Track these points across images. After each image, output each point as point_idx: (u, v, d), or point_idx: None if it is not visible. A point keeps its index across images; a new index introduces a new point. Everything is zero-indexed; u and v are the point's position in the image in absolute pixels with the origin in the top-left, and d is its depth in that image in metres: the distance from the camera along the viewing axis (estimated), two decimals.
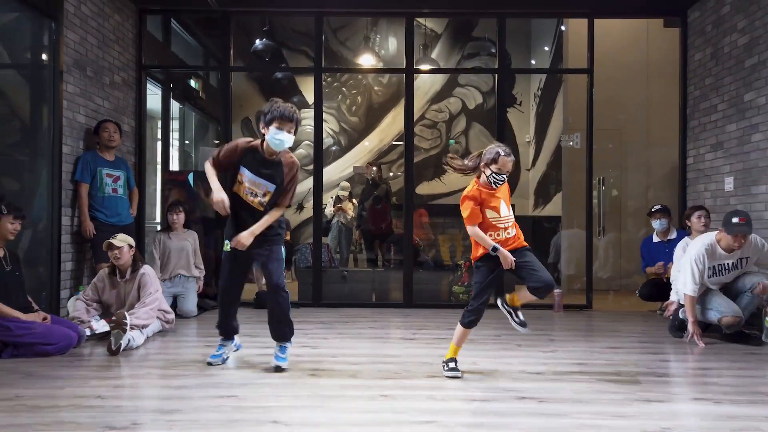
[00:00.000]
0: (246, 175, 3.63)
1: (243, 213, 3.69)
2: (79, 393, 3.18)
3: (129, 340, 4.25)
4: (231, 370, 3.75)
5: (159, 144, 7.99)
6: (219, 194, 3.54)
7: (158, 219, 7.57)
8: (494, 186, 3.55)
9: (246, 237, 3.62)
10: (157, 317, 4.87)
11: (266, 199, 3.70)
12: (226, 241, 3.72)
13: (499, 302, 3.75)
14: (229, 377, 3.55)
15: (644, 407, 3.00)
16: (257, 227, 3.65)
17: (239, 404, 3.02)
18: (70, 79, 5.35)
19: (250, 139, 3.74)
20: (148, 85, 7.38)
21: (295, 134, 3.64)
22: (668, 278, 5.90)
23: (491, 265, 3.58)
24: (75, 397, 3.09)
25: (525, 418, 2.82)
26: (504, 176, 3.54)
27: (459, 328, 3.69)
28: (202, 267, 6.18)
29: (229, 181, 3.73)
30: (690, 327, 4.65)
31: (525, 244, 3.65)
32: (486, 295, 3.64)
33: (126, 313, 4.30)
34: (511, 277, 3.65)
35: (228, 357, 3.96)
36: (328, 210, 8.58)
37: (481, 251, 3.60)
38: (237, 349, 4.15)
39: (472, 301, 3.63)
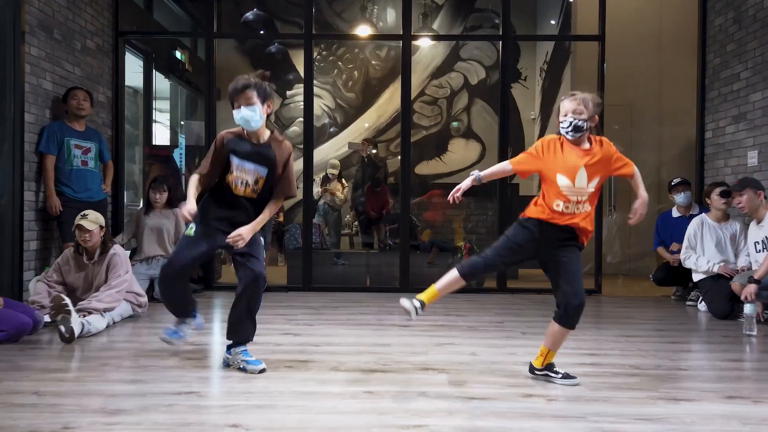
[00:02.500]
0: (235, 163, 3.14)
1: (227, 201, 3.17)
2: (15, 388, 2.74)
3: (83, 325, 3.80)
4: (196, 360, 3.31)
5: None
6: (192, 205, 3.07)
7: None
8: (567, 136, 2.88)
9: (247, 233, 3.12)
10: (128, 300, 4.45)
11: (260, 185, 3.19)
12: (192, 225, 3.17)
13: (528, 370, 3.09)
14: (192, 370, 3.11)
15: (672, 408, 2.56)
16: (261, 220, 3.19)
17: (197, 403, 2.58)
18: (34, 41, 4.88)
19: (232, 129, 3.27)
20: (132, 57, 6.94)
21: (263, 102, 3.10)
22: (680, 262, 5.47)
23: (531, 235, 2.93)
24: (9, 393, 2.66)
25: (531, 421, 2.39)
26: (571, 120, 2.83)
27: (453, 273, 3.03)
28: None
29: (223, 168, 3.21)
30: None
31: (584, 236, 2.96)
32: (503, 254, 2.96)
33: (63, 295, 3.84)
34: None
35: (186, 334, 3.37)
36: (316, 190, 8.08)
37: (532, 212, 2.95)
38: (198, 328, 3.54)
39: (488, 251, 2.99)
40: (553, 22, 9.29)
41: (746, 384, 2.99)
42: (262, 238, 3.37)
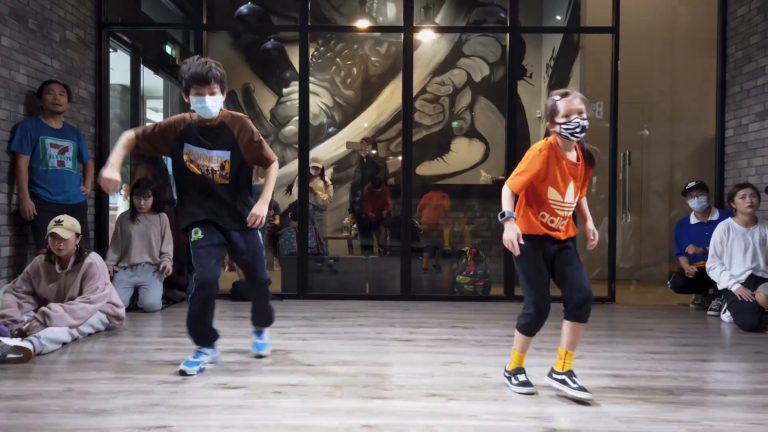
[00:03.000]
0: (194, 151, 3.05)
1: (203, 194, 3.09)
2: None
3: (32, 342, 3.41)
4: (175, 385, 2.94)
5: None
6: (110, 172, 2.88)
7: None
8: (572, 138, 2.68)
9: (261, 210, 3.11)
10: (104, 311, 4.09)
11: (227, 170, 3.09)
12: (196, 229, 3.07)
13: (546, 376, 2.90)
14: (168, 396, 2.74)
15: None
16: (266, 194, 3.17)
17: None
18: (6, 31, 4.52)
19: (181, 114, 3.13)
20: (122, 54, 6.58)
21: (223, 93, 3.03)
22: (697, 271, 5.12)
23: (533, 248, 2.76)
24: None
25: None
26: (577, 122, 2.64)
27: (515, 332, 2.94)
28: (170, 250, 5.36)
29: (173, 163, 3.16)
30: None
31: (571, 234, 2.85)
32: (537, 285, 2.79)
33: None
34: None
35: (204, 368, 3.20)
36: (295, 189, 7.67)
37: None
38: (214, 362, 3.33)
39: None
40: (559, 17, 8.93)
41: None
42: (259, 233, 3.27)
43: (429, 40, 9.27)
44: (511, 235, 2.61)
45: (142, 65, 7.05)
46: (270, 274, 3.45)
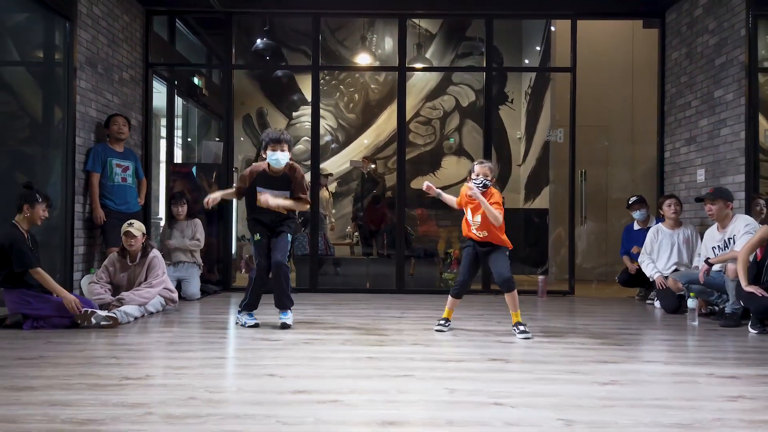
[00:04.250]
0: (262, 191, 4.46)
1: (263, 216, 4.53)
2: (96, 354, 3.56)
3: (116, 314, 4.57)
4: (231, 339, 4.12)
5: (163, 140, 8.35)
6: (212, 194, 4.60)
7: (161, 214, 7.91)
8: (477, 189, 4.25)
9: (271, 199, 4.38)
10: (162, 296, 5.26)
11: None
12: (257, 234, 4.55)
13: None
14: (228, 344, 3.92)
15: (598, 366, 3.37)
16: (283, 202, 4.45)
17: (240, 362, 3.39)
18: (83, 75, 5.73)
19: (257, 164, 4.63)
20: (154, 83, 7.77)
21: (289, 151, 4.46)
22: (638, 268, 6.24)
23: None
24: (92, 358, 3.47)
25: (492, 374, 3.20)
26: (482, 180, 4.28)
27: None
28: (202, 239, 6.52)
29: (249, 196, 4.57)
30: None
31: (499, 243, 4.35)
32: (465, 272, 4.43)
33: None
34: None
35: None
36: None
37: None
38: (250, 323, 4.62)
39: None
40: (538, 48, 10.16)
41: (665, 354, 3.78)
42: (289, 236, 4.58)
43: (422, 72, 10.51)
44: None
45: (176, 95, 8.26)
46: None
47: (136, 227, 5.06)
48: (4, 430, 2.25)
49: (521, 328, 4.23)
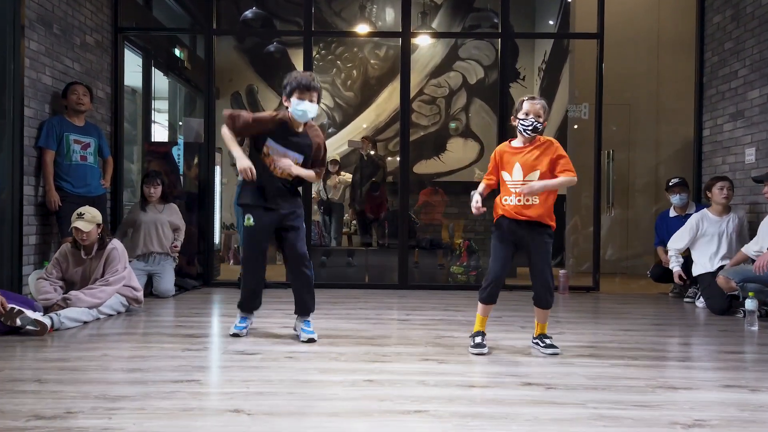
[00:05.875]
0: (273, 147, 3.54)
1: (267, 184, 3.57)
2: (15, 375, 2.75)
3: (52, 319, 3.77)
4: (197, 352, 3.32)
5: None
6: (244, 162, 3.43)
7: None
8: (524, 134, 3.23)
9: (294, 168, 3.54)
10: (124, 294, 4.45)
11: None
12: (248, 216, 3.59)
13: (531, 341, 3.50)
14: (193, 360, 3.12)
15: (670, 395, 2.58)
16: (298, 170, 3.57)
17: (199, 390, 2.59)
18: (33, 35, 4.89)
19: (276, 112, 3.61)
20: (130, 54, 6.93)
21: (318, 103, 3.54)
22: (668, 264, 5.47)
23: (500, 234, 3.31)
24: (10, 380, 2.66)
25: (531, 408, 2.39)
26: (532, 121, 3.20)
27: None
28: (182, 232, 5.72)
29: (252, 150, 3.63)
30: None
31: (542, 219, 3.25)
32: (494, 267, 3.30)
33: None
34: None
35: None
36: (318, 188, 8.07)
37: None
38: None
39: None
40: (551, 22, 9.32)
41: (744, 373, 3.00)
42: (303, 224, 3.74)
43: (426, 44, 9.66)
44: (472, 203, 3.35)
45: (153, 67, 7.42)
46: (275, 267, 3.83)
47: (87, 219, 4.21)
48: None
49: (547, 341, 3.35)
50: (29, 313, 3.62)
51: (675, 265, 5.30)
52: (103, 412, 2.27)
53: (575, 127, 7.61)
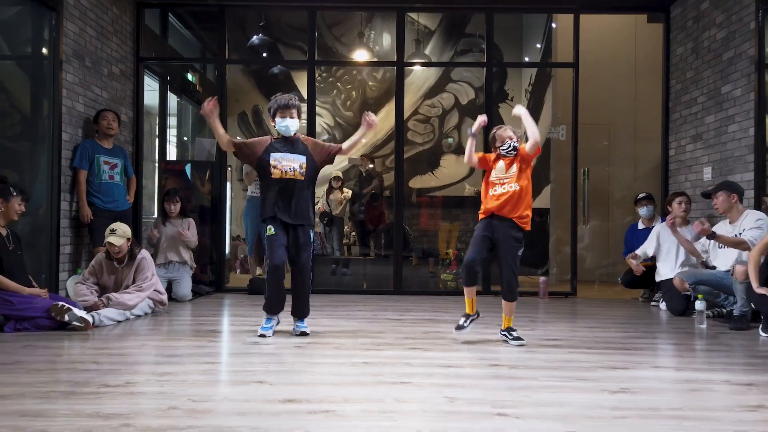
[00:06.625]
0: (278, 157, 4.10)
1: (282, 191, 4.10)
2: (76, 359, 3.37)
3: (93, 317, 4.37)
4: (219, 342, 3.93)
5: (156, 136, 8.17)
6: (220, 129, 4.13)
7: (155, 213, 7.72)
8: (509, 155, 3.98)
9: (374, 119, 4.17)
10: (151, 298, 5.06)
11: (304, 169, 4.17)
12: (269, 226, 4.13)
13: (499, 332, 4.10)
14: (217, 348, 3.73)
15: (609, 372, 3.19)
16: (355, 139, 4.24)
17: (227, 368, 3.20)
18: (70, 69, 5.53)
19: (259, 138, 4.29)
20: (147, 79, 7.57)
21: (299, 118, 4.15)
22: (644, 270, 6.05)
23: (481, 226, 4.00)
24: (72, 362, 3.28)
25: (494, 381, 3.01)
26: (509, 143, 3.97)
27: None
28: (195, 238, 6.31)
29: (260, 174, 4.23)
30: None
31: (517, 219, 3.96)
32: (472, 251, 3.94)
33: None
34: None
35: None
36: (322, 202, 8.70)
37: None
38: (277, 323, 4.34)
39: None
40: (538, 45, 9.98)
41: (676, 359, 3.60)
42: (311, 233, 4.33)
43: (421, 68, 10.32)
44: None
45: (168, 91, 8.07)
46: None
47: (119, 234, 4.82)
48: None
49: (514, 334, 3.96)
50: (76, 311, 4.23)
51: (639, 250, 5.95)
52: (155, 383, 2.88)
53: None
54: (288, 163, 4.10)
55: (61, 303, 4.21)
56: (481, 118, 4.05)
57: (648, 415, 2.46)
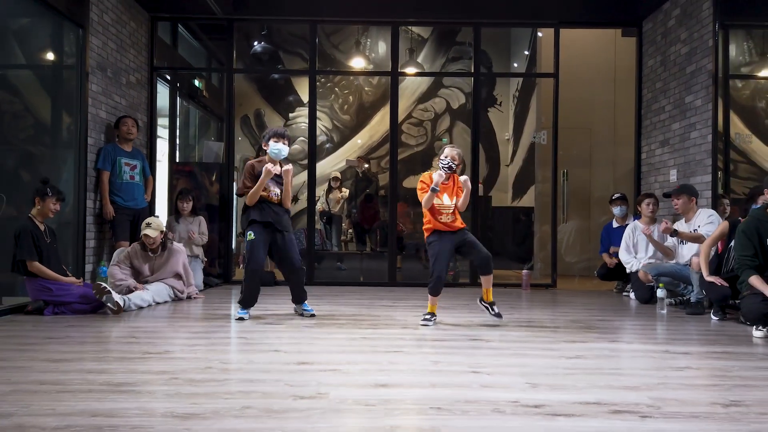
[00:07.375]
0: (269, 185, 4.73)
1: (266, 207, 4.72)
2: (117, 334, 3.94)
3: (124, 301, 4.93)
4: (236, 323, 4.51)
5: (160, 139, 8.72)
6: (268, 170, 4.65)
7: (164, 211, 8.27)
8: (443, 169, 4.46)
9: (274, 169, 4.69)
10: (173, 286, 5.65)
11: (280, 195, 4.83)
12: (249, 232, 4.70)
13: (478, 301, 4.68)
14: (235, 328, 4.32)
15: (568, 345, 3.78)
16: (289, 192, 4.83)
17: (246, 342, 3.79)
18: (94, 79, 6.09)
19: (257, 158, 4.90)
20: (158, 85, 8.13)
21: (288, 146, 4.78)
22: (617, 263, 6.64)
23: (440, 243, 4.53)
24: (115, 337, 3.85)
25: (472, 350, 3.60)
26: (448, 161, 4.47)
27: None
28: (206, 235, 6.89)
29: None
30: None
31: (463, 225, 4.55)
32: (443, 265, 4.50)
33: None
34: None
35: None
36: (322, 201, 9.30)
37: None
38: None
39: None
40: (526, 52, 10.59)
41: (626, 335, 4.20)
42: (293, 235, 4.89)
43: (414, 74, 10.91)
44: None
45: (178, 97, 8.64)
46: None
47: (153, 227, 5.42)
48: (51, 389, 2.63)
49: (495, 309, 4.56)
50: (114, 295, 4.80)
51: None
52: (189, 351, 3.46)
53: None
54: (274, 189, 4.75)
55: (103, 284, 4.80)
56: (440, 179, 4.43)
57: (592, 373, 3.06)
